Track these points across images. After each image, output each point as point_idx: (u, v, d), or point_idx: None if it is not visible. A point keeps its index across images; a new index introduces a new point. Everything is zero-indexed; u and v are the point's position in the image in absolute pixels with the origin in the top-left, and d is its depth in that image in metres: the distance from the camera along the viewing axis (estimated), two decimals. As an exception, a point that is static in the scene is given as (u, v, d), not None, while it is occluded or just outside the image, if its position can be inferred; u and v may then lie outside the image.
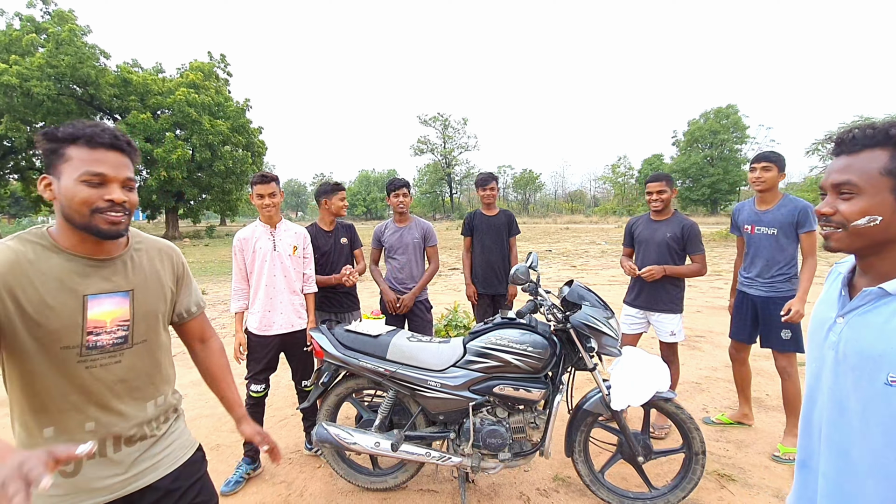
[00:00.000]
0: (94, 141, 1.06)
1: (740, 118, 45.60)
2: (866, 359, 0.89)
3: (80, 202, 1.05)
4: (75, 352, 1.08)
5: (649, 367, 2.21)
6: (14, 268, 1.02)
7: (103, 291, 1.13)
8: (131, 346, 1.18)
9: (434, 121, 58.39)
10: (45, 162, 1.08)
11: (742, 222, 3.01)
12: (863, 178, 0.89)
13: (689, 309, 6.95)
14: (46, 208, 30.07)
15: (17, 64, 20.73)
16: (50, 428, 1.09)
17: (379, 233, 3.55)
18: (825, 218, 0.95)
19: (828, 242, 0.97)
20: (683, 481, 2.29)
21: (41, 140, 1.07)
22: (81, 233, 1.09)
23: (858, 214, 0.89)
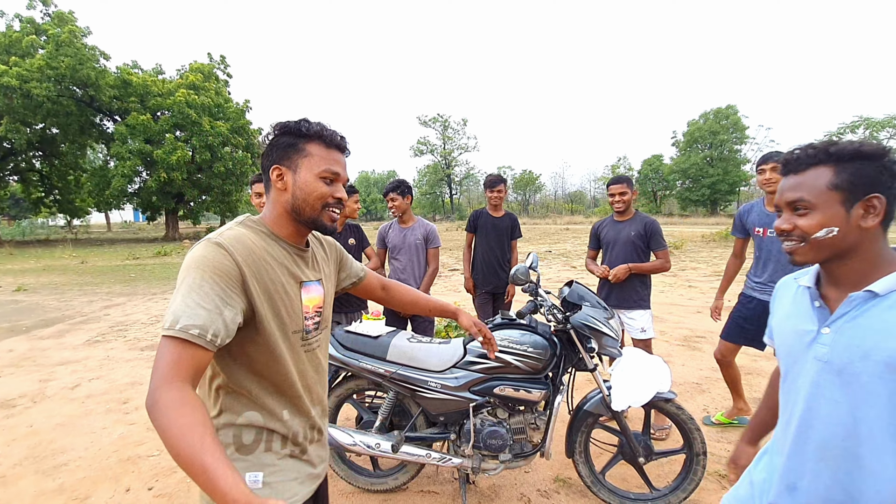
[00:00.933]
0: (331, 142, 1.13)
1: (740, 119, 45.61)
2: (872, 361, 0.91)
3: (318, 196, 1.11)
4: (300, 336, 1.14)
5: (650, 368, 2.20)
6: (251, 259, 1.03)
7: (309, 279, 1.18)
8: (321, 332, 1.24)
9: (434, 122, 58.38)
10: (277, 154, 1.11)
11: (752, 224, 2.94)
12: (813, 194, 0.96)
13: (690, 310, 6.95)
14: (46, 210, 30.09)
15: (17, 65, 20.71)
16: (286, 410, 1.12)
17: (383, 233, 3.59)
18: (786, 234, 1.01)
19: (793, 257, 1.02)
20: (684, 482, 2.29)
21: (280, 132, 1.11)
22: (299, 225, 1.14)
23: (816, 228, 0.96)
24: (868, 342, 0.92)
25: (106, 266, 14.70)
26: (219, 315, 0.92)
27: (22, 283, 10.79)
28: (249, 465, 1.08)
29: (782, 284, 1.19)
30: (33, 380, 4.45)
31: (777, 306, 1.17)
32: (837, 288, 1.01)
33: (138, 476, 2.77)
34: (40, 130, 24.51)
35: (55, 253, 18.94)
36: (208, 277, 0.94)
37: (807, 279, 1.08)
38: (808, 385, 1.00)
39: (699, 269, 11.52)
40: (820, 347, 0.99)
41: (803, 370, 1.02)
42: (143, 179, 26.35)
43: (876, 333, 0.92)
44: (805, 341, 1.02)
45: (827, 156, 0.96)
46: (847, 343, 0.95)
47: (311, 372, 1.19)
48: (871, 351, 0.91)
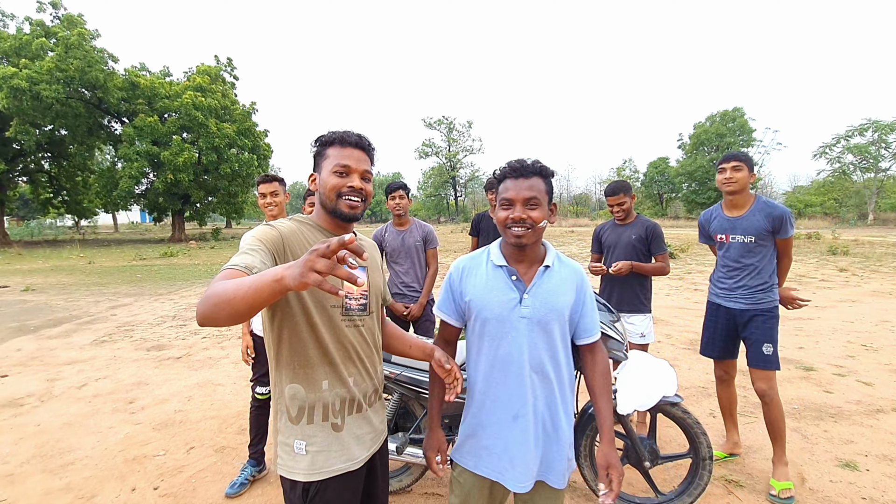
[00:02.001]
0: (344, 141, 1.30)
1: (746, 121, 45.37)
2: (556, 311, 1.39)
3: (331, 188, 1.28)
4: (339, 310, 1.28)
5: (656, 371, 2.19)
6: (292, 235, 1.23)
7: None
8: (369, 314, 1.37)
9: (439, 124, 58.47)
10: (314, 164, 1.35)
11: (714, 231, 2.79)
12: (540, 194, 1.36)
13: (696, 313, 6.91)
14: (55, 211, 30.35)
15: (27, 68, 20.93)
16: (326, 381, 1.26)
17: (378, 237, 3.47)
18: (520, 222, 1.34)
19: (520, 240, 1.36)
20: (690, 487, 2.27)
21: (316, 143, 1.34)
22: (334, 217, 1.32)
23: (541, 219, 1.36)
24: (551, 300, 1.39)
25: (113, 267, 14.81)
26: (262, 262, 1.08)
27: (30, 284, 10.89)
28: (297, 433, 1.24)
29: (465, 266, 1.51)
30: (41, 379, 4.49)
31: (470, 284, 1.47)
32: (522, 265, 1.43)
33: (144, 475, 2.78)
34: (49, 132, 24.76)
35: (63, 253, 19.11)
36: (256, 239, 1.16)
37: (497, 259, 1.45)
38: (519, 336, 1.38)
39: (705, 272, 11.46)
40: (524, 309, 1.38)
41: (513, 327, 1.38)
42: (150, 181, 26.54)
43: (553, 293, 1.40)
44: (511, 306, 1.39)
45: (540, 170, 1.38)
46: (541, 303, 1.38)
47: (358, 345, 1.32)
48: (554, 305, 1.39)
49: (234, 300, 0.86)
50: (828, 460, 2.83)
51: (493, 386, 1.42)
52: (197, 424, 3.46)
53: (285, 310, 1.22)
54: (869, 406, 3.58)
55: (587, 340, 1.49)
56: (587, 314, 1.47)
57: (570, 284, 1.44)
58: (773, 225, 2.55)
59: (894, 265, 11.90)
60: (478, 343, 1.45)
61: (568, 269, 1.47)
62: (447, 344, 1.59)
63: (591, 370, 1.51)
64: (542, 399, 1.40)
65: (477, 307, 1.43)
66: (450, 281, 1.52)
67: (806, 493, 2.50)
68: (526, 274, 1.42)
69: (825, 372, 4.32)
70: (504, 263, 1.43)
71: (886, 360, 4.66)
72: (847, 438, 3.08)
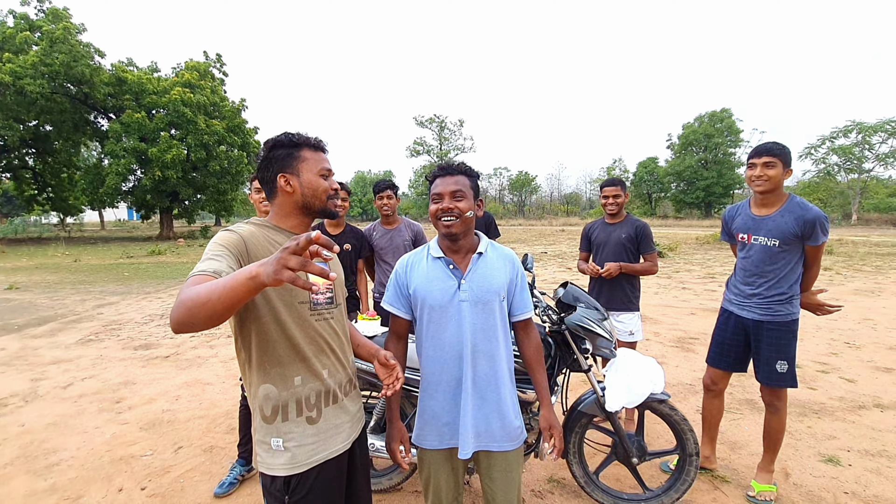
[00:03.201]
0: (319, 146, 1.39)
1: (734, 122, 45.93)
2: (492, 292, 1.55)
3: (323, 190, 1.37)
4: (307, 306, 1.32)
5: (643, 369, 2.21)
6: (253, 238, 1.26)
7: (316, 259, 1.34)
8: (336, 306, 1.42)
9: (430, 122, 58.32)
10: (278, 164, 1.33)
11: (736, 229, 2.52)
12: (465, 188, 1.54)
13: (683, 311, 6.99)
14: (39, 208, 29.82)
15: (11, 62, 20.52)
16: (298, 377, 1.29)
17: (367, 235, 3.44)
18: (448, 211, 1.50)
19: (450, 230, 1.52)
20: (677, 483, 2.30)
21: (274, 147, 1.34)
22: (306, 217, 1.40)
23: (467, 209, 1.52)
24: (486, 283, 1.55)
25: (99, 265, 14.60)
26: (228, 266, 1.12)
27: (14, 282, 10.69)
28: (273, 431, 1.27)
29: (409, 260, 1.66)
30: (25, 379, 4.42)
31: (413, 276, 1.61)
32: (458, 255, 1.60)
33: (131, 476, 2.76)
34: (34, 127, 24.31)
35: (48, 251, 18.79)
36: (219, 245, 1.19)
37: (435, 252, 1.60)
38: (461, 319, 1.53)
39: (693, 271, 11.59)
40: (462, 293, 1.54)
41: (455, 312, 1.54)
42: (138, 178, 26.16)
43: (488, 277, 1.56)
44: (451, 293, 1.55)
45: (465, 170, 1.58)
46: (477, 286, 1.55)
47: (329, 337, 1.36)
48: (489, 286, 1.55)
49: (210, 302, 0.88)
50: (811, 455, 2.88)
51: (439, 367, 1.57)
52: (185, 424, 3.43)
53: (253, 312, 1.24)
54: (851, 402, 3.65)
55: (521, 317, 1.67)
56: (519, 293, 1.65)
57: (503, 267, 1.60)
58: (804, 230, 2.26)
59: (877, 264, 12.13)
60: (425, 331, 1.59)
61: (500, 254, 1.64)
62: (398, 339, 1.70)
63: (526, 346, 1.71)
64: (483, 373, 1.56)
65: (421, 296, 1.57)
66: (395, 275, 1.65)
67: (790, 488, 2.54)
68: (462, 262, 1.58)
69: (809, 369, 4.39)
70: (441, 255, 1.59)
71: (868, 357, 4.76)
72: (830, 434, 3.15)
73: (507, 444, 1.59)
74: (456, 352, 1.54)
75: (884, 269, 11.17)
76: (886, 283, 9.24)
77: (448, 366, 1.56)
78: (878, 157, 35.76)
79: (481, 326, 1.54)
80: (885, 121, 34.19)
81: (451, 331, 1.54)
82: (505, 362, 1.60)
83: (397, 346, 1.69)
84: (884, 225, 31.58)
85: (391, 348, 1.68)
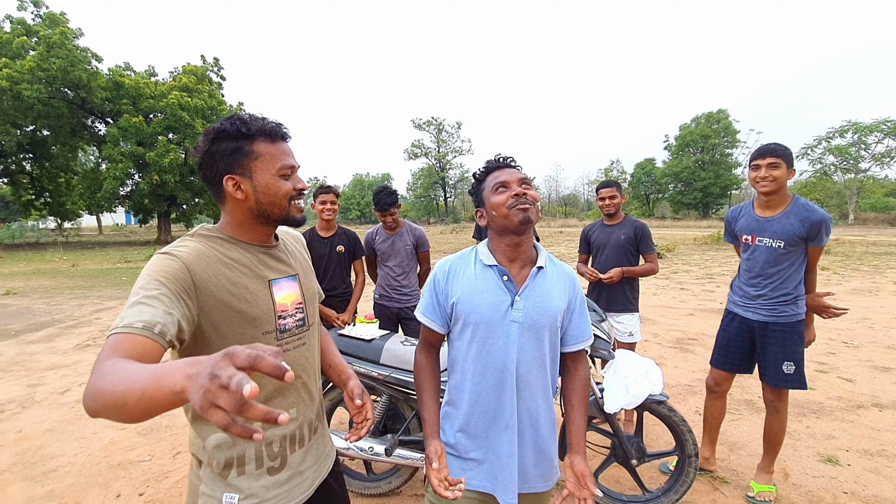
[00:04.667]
0: (275, 134, 1.07)
1: (731, 123, 46.08)
2: (549, 316, 1.29)
3: (283, 195, 1.07)
4: (273, 336, 1.08)
5: (642, 370, 2.21)
6: (201, 261, 0.98)
7: (281, 276, 1.13)
8: (308, 329, 1.19)
9: (428, 125, 58.47)
10: (224, 163, 1.03)
11: (740, 231, 2.52)
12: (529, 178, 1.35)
13: (682, 312, 7.00)
14: (37, 213, 29.73)
15: (8, 67, 20.48)
16: (258, 423, 1.04)
17: (370, 239, 3.49)
18: (524, 197, 1.27)
19: (528, 214, 1.26)
20: (677, 484, 2.30)
21: (217, 138, 1.03)
22: (265, 226, 1.11)
23: (538, 199, 1.31)
24: (544, 304, 1.29)
25: (97, 269, 14.56)
26: (167, 313, 0.86)
27: (11, 287, 10.66)
28: (226, 487, 1.04)
29: (452, 265, 1.39)
30: (22, 385, 4.40)
31: (456, 285, 1.35)
32: (515, 264, 1.33)
33: (129, 482, 2.74)
34: (31, 132, 24.25)
35: (45, 256, 18.73)
36: (153, 280, 0.90)
37: (486, 258, 1.34)
38: (509, 342, 1.28)
39: (691, 271, 11.61)
40: (516, 312, 1.28)
41: (502, 332, 1.28)
42: (136, 182, 26.10)
43: (547, 297, 1.30)
44: (502, 310, 1.28)
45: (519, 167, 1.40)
46: (534, 306, 1.29)
47: (299, 368, 1.14)
48: (547, 309, 1.29)
49: (126, 408, 0.65)
50: (810, 455, 2.88)
51: (483, 395, 1.32)
52: (183, 429, 3.42)
53: (203, 350, 0.99)
54: (850, 402, 3.65)
55: (575, 347, 1.39)
56: (578, 319, 1.39)
57: (563, 288, 1.34)
58: (809, 231, 2.26)
59: (874, 264, 12.17)
60: (465, 349, 1.33)
61: (560, 272, 1.38)
62: (431, 347, 1.45)
63: (571, 379, 1.44)
64: (529, 408, 1.33)
65: (465, 310, 1.31)
66: (434, 282, 1.39)
67: (789, 488, 2.54)
68: (518, 275, 1.32)
69: (808, 369, 4.36)
70: (494, 262, 1.32)
71: (867, 356, 4.77)
72: (829, 434, 3.15)
73: (540, 484, 1.37)
74: (503, 381, 1.30)
75: (881, 269, 11.20)
76: (884, 283, 9.26)
77: (494, 395, 1.31)
78: (875, 157, 35.90)
79: (534, 354, 1.29)
80: (880, 120, 34.35)
81: (497, 354, 1.29)
82: (551, 396, 1.39)
83: (429, 358, 1.44)
84: (881, 224, 31.68)
85: (421, 359, 1.43)
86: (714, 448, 2.74)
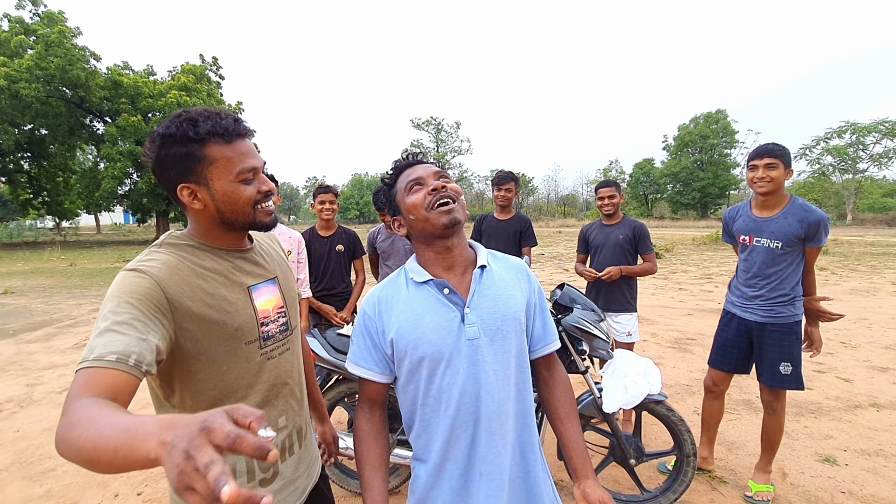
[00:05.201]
0: (230, 133, 0.96)
1: (729, 123, 46.19)
2: (509, 319, 1.07)
3: (245, 201, 0.97)
4: (257, 345, 1.02)
5: (640, 370, 2.22)
6: (174, 276, 0.90)
7: (259, 280, 1.07)
8: (291, 333, 1.13)
9: (427, 125, 58.43)
10: (176, 171, 0.94)
11: (737, 231, 2.51)
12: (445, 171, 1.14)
13: (680, 312, 7.01)
14: (35, 212, 29.69)
15: (6, 66, 20.44)
16: None
17: (372, 238, 3.48)
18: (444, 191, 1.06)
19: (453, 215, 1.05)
20: (675, 483, 2.31)
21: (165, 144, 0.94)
22: (233, 232, 1.03)
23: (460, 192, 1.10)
24: (500, 306, 1.06)
25: (95, 269, 14.53)
26: (141, 340, 0.79)
27: (9, 286, 10.63)
28: None
29: (381, 295, 1.12)
30: (20, 384, 4.39)
31: (391, 318, 1.08)
32: (453, 273, 1.10)
33: (127, 481, 2.74)
34: (29, 131, 24.22)
35: (43, 255, 18.70)
36: (123, 303, 0.82)
37: (417, 274, 1.09)
38: (471, 368, 1.03)
39: (690, 271, 11.63)
40: (469, 328, 1.04)
41: (461, 357, 1.03)
42: (134, 181, 26.07)
43: (500, 298, 1.07)
44: (453, 330, 1.04)
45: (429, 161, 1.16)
46: (489, 314, 1.05)
47: (285, 374, 1.09)
48: (505, 312, 1.07)
49: (99, 464, 0.61)
50: (808, 455, 2.89)
51: (454, 441, 1.06)
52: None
53: (184, 370, 0.92)
54: (847, 402, 3.66)
55: (545, 350, 1.18)
56: (541, 317, 1.17)
57: (517, 283, 1.13)
58: (807, 232, 2.25)
59: (872, 264, 12.20)
60: (422, 393, 1.07)
61: (509, 266, 1.16)
62: (373, 406, 1.15)
63: (550, 388, 1.19)
64: (510, 443, 1.07)
65: (407, 345, 1.05)
66: (363, 321, 1.12)
67: (787, 488, 2.55)
68: (461, 283, 1.08)
69: (805, 369, 4.35)
70: (428, 277, 1.07)
71: (864, 356, 4.78)
72: (826, 434, 3.16)
73: None
74: (469, 415, 1.04)
75: (879, 269, 11.23)
76: (881, 283, 9.29)
77: (457, 438, 1.06)
78: (873, 158, 36.03)
79: (500, 374, 1.05)
80: (878, 121, 34.46)
81: (460, 386, 1.03)
82: (532, 418, 1.13)
83: (371, 421, 1.13)
84: (878, 225, 31.75)
85: (361, 424, 1.13)
86: (712, 447, 2.74)
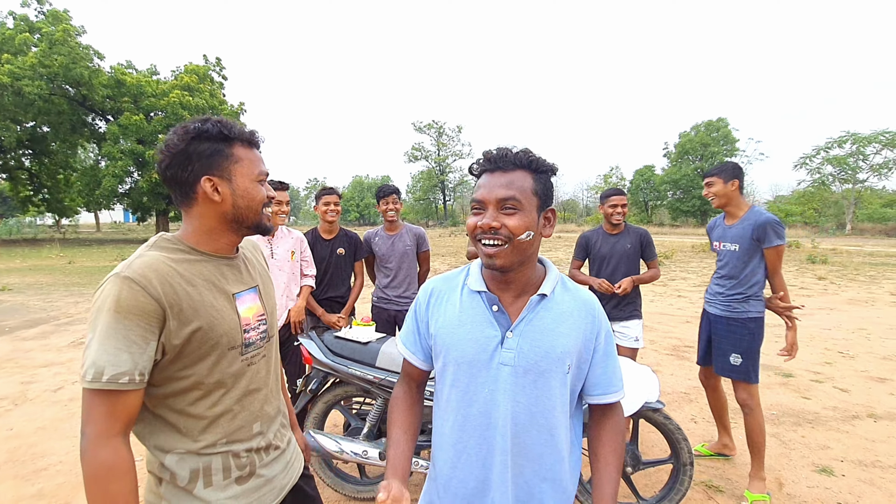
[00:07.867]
0: (253, 141, 1.08)
1: (730, 131, 46.27)
2: (552, 359, 0.98)
3: (260, 201, 1.07)
4: (238, 351, 1.05)
5: (638, 377, 2.21)
6: (171, 284, 0.94)
7: (243, 288, 1.11)
8: (269, 340, 1.17)
9: (429, 128, 58.54)
10: (202, 163, 1.00)
11: (714, 238, 2.84)
12: (523, 195, 0.96)
13: (679, 319, 7.00)
14: (35, 209, 29.66)
15: (10, 63, 20.49)
16: (224, 439, 1.04)
17: (368, 240, 3.44)
18: (493, 232, 0.95)
19: (492, 261, 0.97)
20: (671, 492, 2.30)
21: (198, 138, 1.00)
22: (235, 234, 1.09)
23: (522, 229, 0.95)
24: (545, 342, 0.98)
25: (94, 267, 14.51)
26: (142, 354, 0.89)
27: (6, 283, 10.61)
28: (192, 500, 1.02)
29: (435, 288, 1.12)
30: (15, 382, 4.37)
31: (437, 313, 1.08)
32: (509, 292, 1.03)
33: (120, 481, 2.72)
34: (31, 128, 24.24)
35: (42, 252, 18.68)
36: (122, 319, 0.87)
37: (475, 282, 1.05)
38: (498, 391, 0.99)
39: (689, 279, 11.63)
40: (505, 353, 0.99)
41: (488, 378, 1.00)
42: (135, 180, 26.07)
43: (549, 333, 0.99)
44: (488, 348, 1.00)
45: (528, 162, 0.98)
46: (530, 346, 0.98)
47: (261, 380, 1.13)
48: (549, 350, 0.98)
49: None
50: (805, 465, 2.88)
51: (465, 457, 1.04)
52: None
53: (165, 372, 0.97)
54: (845, 412, 3.65)
55: (601, 400, 1.06)
56: (602, 363, 1.05)
57: (576, 322, 1.01)
58: (757, 233, 2.52)
59: (871, 274, 12.20)
60: (446, 394, 1.07)
61: (576, 300, 1.04)
62: (412, 383, 1.18)
63: (601, 435, 1.09)
64: (528, 483, 1.02)
65: (444, 346, 1.05)
66: (416, 307, 1.15)
67: (783, 498, 2.54)
68: (513, 304, 1.03)
69: (803, 378, 4.40)
70: (483, 288, 1.03)
71: (862, 367, 4.77)
72: (824, 444, 3.15)
73: None
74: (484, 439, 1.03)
75: (877, 279, 11.23)
76: (880, 293, 9.29)
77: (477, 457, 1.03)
78: (873, 168, 36.04)
79: (535, 408, 0.99)
80: (879, 132, 34.51)
81: (481, 406, 1.01)
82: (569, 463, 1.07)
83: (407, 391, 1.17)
84: (878, 235, 31.79)
85: (397, 391, 1.19)
86: (730, 434, 2.98)
